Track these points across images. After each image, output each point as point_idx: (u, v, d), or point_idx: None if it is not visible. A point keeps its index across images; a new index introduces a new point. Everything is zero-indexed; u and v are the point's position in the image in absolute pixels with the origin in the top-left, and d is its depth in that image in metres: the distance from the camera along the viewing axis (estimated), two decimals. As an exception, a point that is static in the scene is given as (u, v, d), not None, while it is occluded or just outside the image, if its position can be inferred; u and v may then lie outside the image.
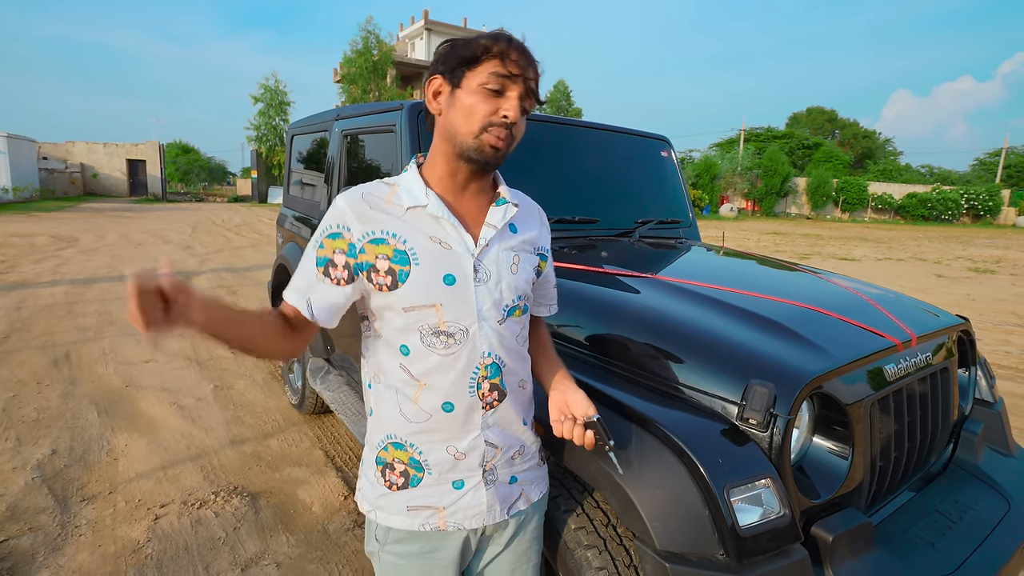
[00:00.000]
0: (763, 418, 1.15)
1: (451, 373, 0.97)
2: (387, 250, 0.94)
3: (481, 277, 0.98)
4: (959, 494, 1.60)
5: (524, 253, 1.06)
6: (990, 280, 10.29)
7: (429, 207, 0.96)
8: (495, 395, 1.02)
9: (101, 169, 28.39)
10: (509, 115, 0.93)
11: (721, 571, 1.05)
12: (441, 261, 0.95)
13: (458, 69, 0.94)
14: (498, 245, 1.01)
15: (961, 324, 1.86)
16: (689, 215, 2.92)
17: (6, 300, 5.98)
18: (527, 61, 0.94)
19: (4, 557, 2.08)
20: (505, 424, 1.05)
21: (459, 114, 0.94)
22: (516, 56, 0.93)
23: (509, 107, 0.93)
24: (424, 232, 0.96)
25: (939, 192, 33.29)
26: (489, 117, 0.93)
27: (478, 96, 0.93)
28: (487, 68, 0.92)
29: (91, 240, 11.21)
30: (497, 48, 0.92)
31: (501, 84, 0.92)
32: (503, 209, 1.02)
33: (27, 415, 3.28)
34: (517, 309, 1.04)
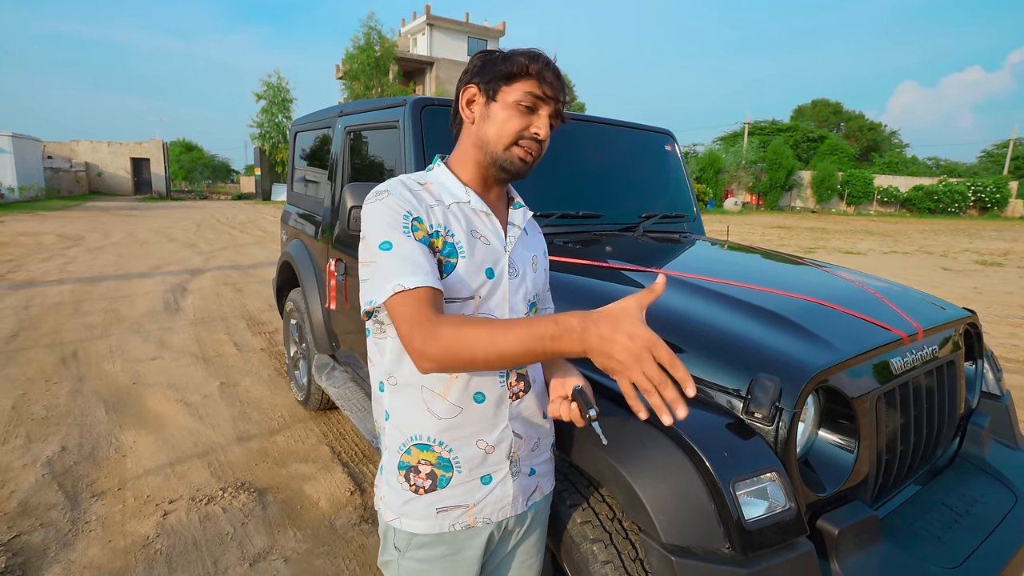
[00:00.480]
0: (769, 412, 1.15)
1: None
2: (439, 243, 0.96)
3: (513, 272, 1.04)
4: (966, 487, 1.60)
5: (538, 255, 1.14)
6: (997, 273, 10.22)
7: (472, 203, 1.01)
8: (521, 385, 1.05)
9: (105, 168, 28.51)
10: (540, 133, 0.98)
11: (727, 564, 1.06)
12: (483, 254, 1.00)
13: (495, 82, 0.98)
14: (522, 244, 1.09)
15: (968, 317, 1.85)
16: (693, 209, 2.91)
17: (14, 299, 6.02)
18: (560, 84, 0.99)
19: (16, 552, 2.11)
20: (529, 415, 1.07)
21: (492, 126, 0.99)
22: (551, 79, 0.97)
23: (541, 125, 0.98)
24: (465, 227, 1.00)
25: (945, 184, 33.08)
26: (521, 132, 0.98)
27: (512, 112, 0.97)
28: (524, 87, 0.97)
29: (97, 239, 11.26)
30: (535, 68, 0.96)
31: (535, 103, 0.97)
32: (522, 212, 1.10)
33: (36, 412, 3.31)
34: (535, 305, 1.11)
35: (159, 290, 6.72)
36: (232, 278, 7.68)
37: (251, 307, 6.09)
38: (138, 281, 7.21)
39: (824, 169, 34.40)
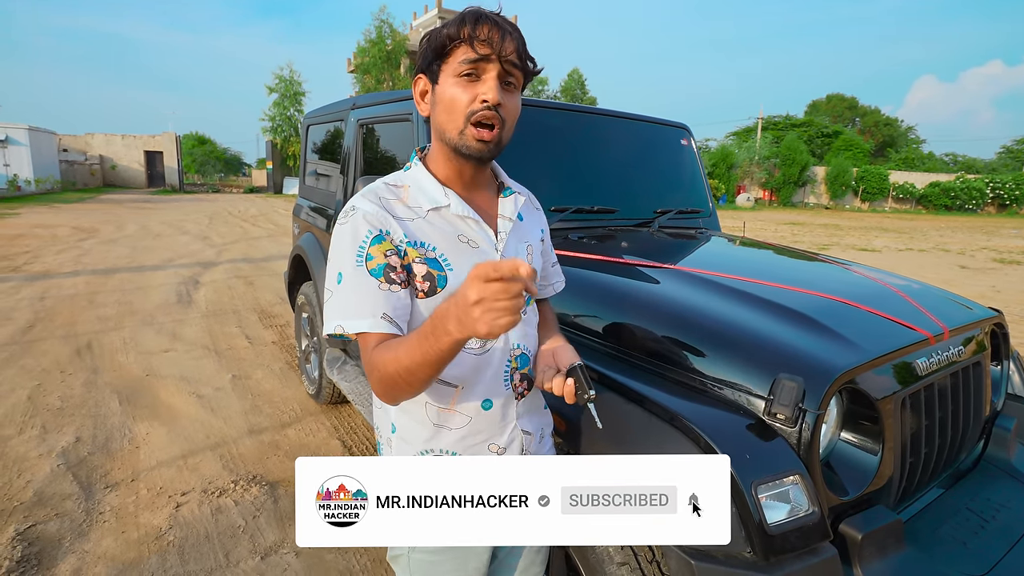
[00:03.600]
0: (792, 413, 1.12)
1: (487, 371, 0.96)
2: (421, 254, 0.90)
3: None
4: (991, 492, 1.55)
5: (534, 241, 1.07)
6: (1016, 271, 10.04)
7: (452, 207, 0.94)
8: (524, 384, 1.03)
9: (119, 161, 28.77)
10: (488, 97, 0.87)
11: (748, 569, 1.03)
12: (472, 261, 0.92)
13: (433, 64, 0.90)
14: (515, 236, 1.01)
15: (994, 317, 1.81)
16: (709, 205, 2.87)
17: (30, 290, 6.08)
18: (500, 34, 0.87)
19: (32, 542, 2.13)
20: (533, 409, 1.06)
21: (443, 111, 0.90)
22: (486, 33, 0.86)
23: (487, 89, 0.87)
24: (450, 233, 0.93)
25: (963, 181, 32.53)
26: (470, 106, 0.87)
27: (456, 87, 0.88)
28: (457, 56, 0.87)
29: (111, 231, 11.37)
30: (464, 31, 0.86)
31: (475, 68, 0.87)
32: (512, 200, 1.02)
33: (51, 403, 3.34)
34: (531, 300, 1.05)
35: (172, 282, 6.77)
36: (244, 271, 7.72)
37: (263, 300, 6.12)
38: (151, 273, 7.27)
39: (838, 165, 33.94)
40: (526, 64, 0.91)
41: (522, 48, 0.90)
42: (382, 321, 0.85)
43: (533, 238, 1.07)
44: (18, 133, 21.17)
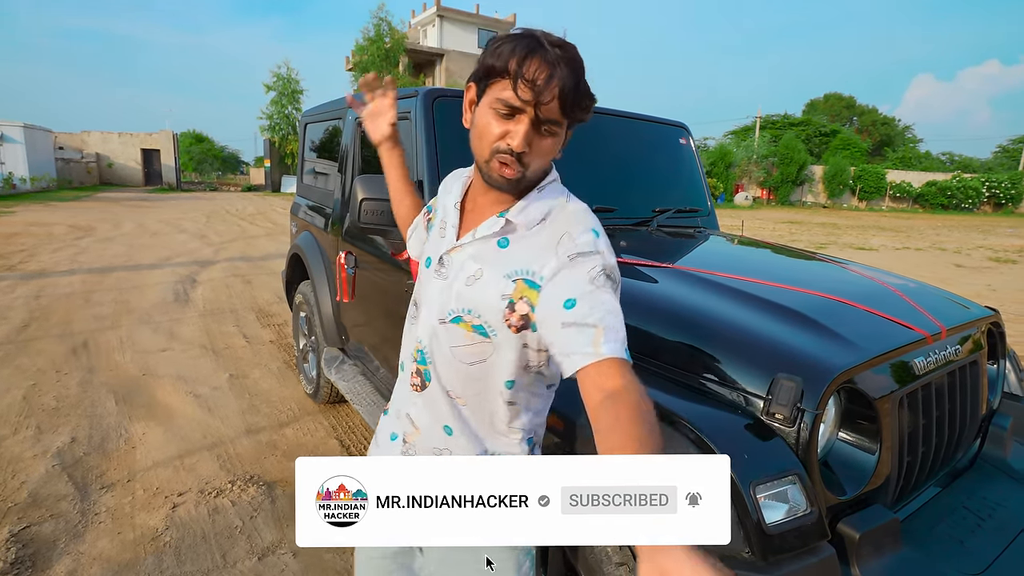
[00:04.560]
0: (790, 413, 1.13)
1: (408, 338, 1.05)
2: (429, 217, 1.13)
3: (443, 273, 0.98)
4: (987, 490, 1.56)
5: (495, 273, 0.91)
6: (1012, 270, 10.07)
7: (451, 195, 1.04)
8: (419, 381, 1.02)
9: (116, 159, 28.66)
10: (514, 144, 0.84)
11: (747, 569, 1.03)
12: (433, 243, 1.04)
13: (482, 80, 0.87)
14: (471, 252, 0.94)
15: (991, 316, 1.81)
16: (708, 204, 2.87)
17: (26, 289, 6.06)
18: (547, 77, 0.80)
19: (26, 543, 2.12)
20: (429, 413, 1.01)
21: (475, 134, 0.89)
22: (533, 74, 0.80)
23: (515, 134, 0.84)
24: (442, 215, 1.04)
25: (960, 180, 32.62)
26: (496, 141, 0.85)
27: (491, 115, 0.85)
28: (500, 88, 0.83)
29: (108, 229, 11.33)
30: (511, 65, 0.81)
31: (510, 110, 0.83)
32: (496, 222, 0.93)
33: (47, 403, 3.32)
34: (463, 321, 0.93)
35: (169, 281, 6.74)
36: (242, 270, 7.70)
37: (260, 299, 6.10)
38: (148, 272, 7.25)
39: (836, 164, 34.00)
40: (571, 114, 0.85)
41: (569, 94, 0.83)
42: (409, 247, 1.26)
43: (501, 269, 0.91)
44: (13, 130, 21.06)
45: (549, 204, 0.94)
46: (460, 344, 0.94)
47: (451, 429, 0.99)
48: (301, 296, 3.45)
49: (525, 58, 0.81)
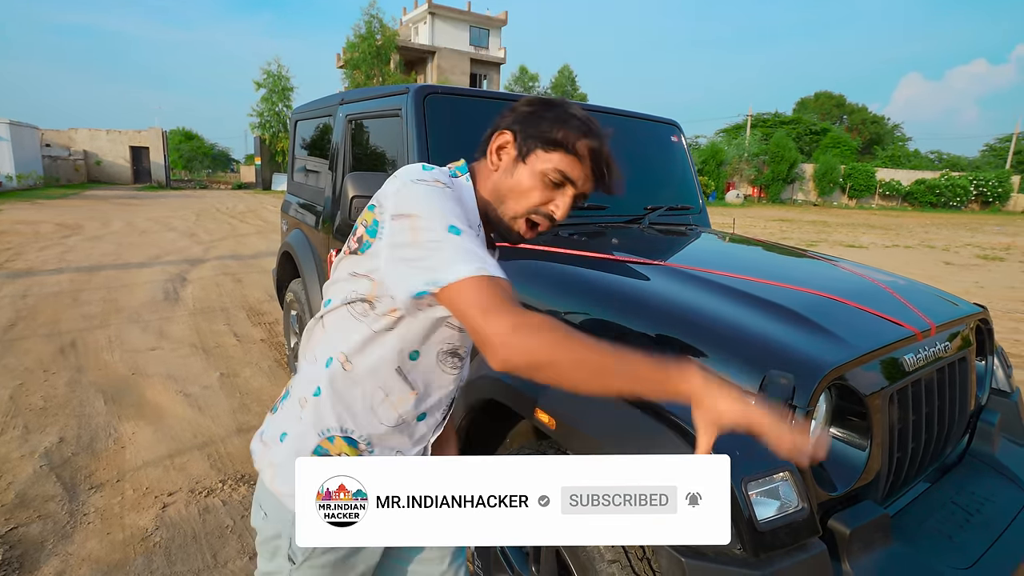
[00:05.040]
0: (781, 409, 1.13)
1: (443, 390, 0.99)
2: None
3: None
4: (976, 486, 1.57)
5: None
6: (999, 267, 10.19)
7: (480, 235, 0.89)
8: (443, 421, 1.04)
9: (104, 156, 28.36)
10: (557, 214, 0.91)
11: (738, 566, 1.03)
12: None
13: (533, 143, 0.90)
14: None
15: (979, 313, 1.83)
16: (699, 201, 2.88)
17: (12, 288, 5.98)
18: (605, 171, 0.91)
19: (14, 544, 2.09)
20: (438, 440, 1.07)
21: (513, 189, 0.91)
22: (597, 162, 0.90)
23: (561, 204, 0.91)
24: None
25: (948, 178, 32.97)
26: (538, 206, 0.90)
27: (537, 183, 0.89)
28: (561, 161, 0.89)
29: (96, 228, 11.21)
30: (583, 146, 0.89)
31: (562, 181, 0.90)
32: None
33: (34, 403, 3.29)
34: None
35: (158, 280, 6.68)
36: (232, 268, 7.64)
37: (251, 297, 6.06)
38: (137, 270, 7.18)
39: (826, 162, 34.26)
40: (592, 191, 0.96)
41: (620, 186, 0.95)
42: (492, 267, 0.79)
43: None
44: (-1, 128, 20.80)
45: None
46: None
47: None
48: (292, 294, 3.43)
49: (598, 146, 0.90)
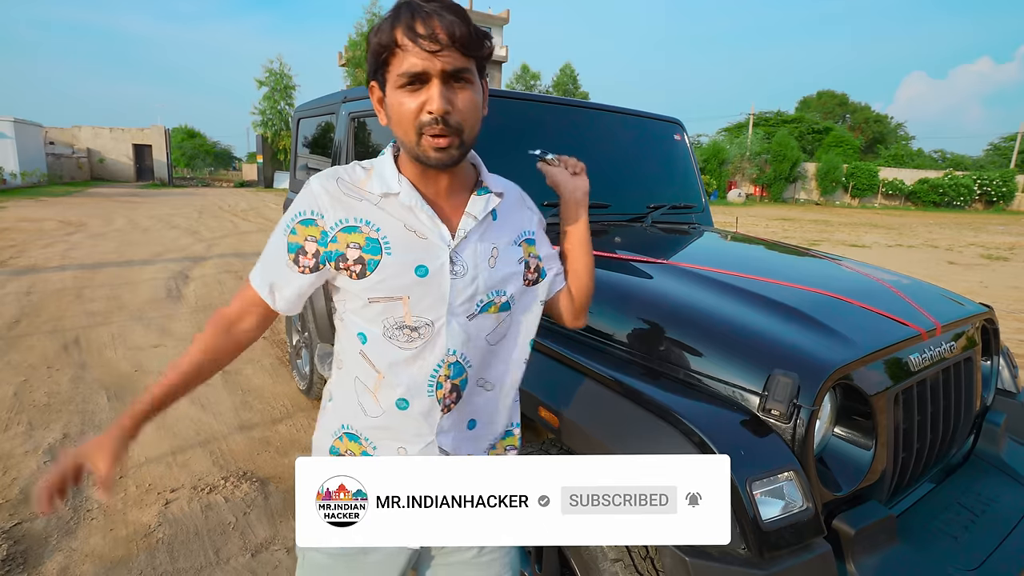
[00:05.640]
0: (786, 409, 1.12)
1: (410, 369, 0.90)
2: (359, 238, 0.88)
3: (458, 270, 0.90)
4: (981, 486, 1.57)
5: (505, 245, 0.96)
6: (1003, 267, 10.15)
7: (401, 195, 0.89)
8: (454, 396, 0.93)
9: (107, 154, 28.41)
10: (433, 109, 0.81)
11: (743, 566, 1.03)
12: (414, 251, 0.88)
13: (378, 72, 0.85)
14: (477, 236, 0.93)
15: (985, 313, 1.82)
16: (702, 200, 2.87)
17: (16, 285, 6.00)
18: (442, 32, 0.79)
19: (18, 540, 2.09)
20: (463, 432, 0.97)
21: (394, 123, 0.86)
22: (424, 31, 0.79)
23: (432, 97, 0.81)
24: (399, 220, 0.89)
25: (951, 178, 32.84)
26: (418, 117, 0.82)
27: (401, 95, 0.83)
28: (396, 65, 0.81)
29: (99, 225, 11.23)
30: (398, 34, 0.80)
31: (415, 77, 0.81)
32: (484, 199, 0.94)
33: (38, 399, 3.29)
34: (493, 305, 0.94)
35: (161, 277, 6.69)
36: (234, 266, 7.65)
37: (253, 295, 6.06)
38: (140, 268, 7.19)
39: (829, 161, 34.15)
40: (475, 53, 0.83)
41: (466, 37, 0.81)
42: (266, 287, 0.92)
43: (507, 239, 0.97)
44: (3, 125, 20.82)
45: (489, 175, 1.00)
46: (494, 329, 0.97)
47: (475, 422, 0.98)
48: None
49: (409, 23, 0.79)
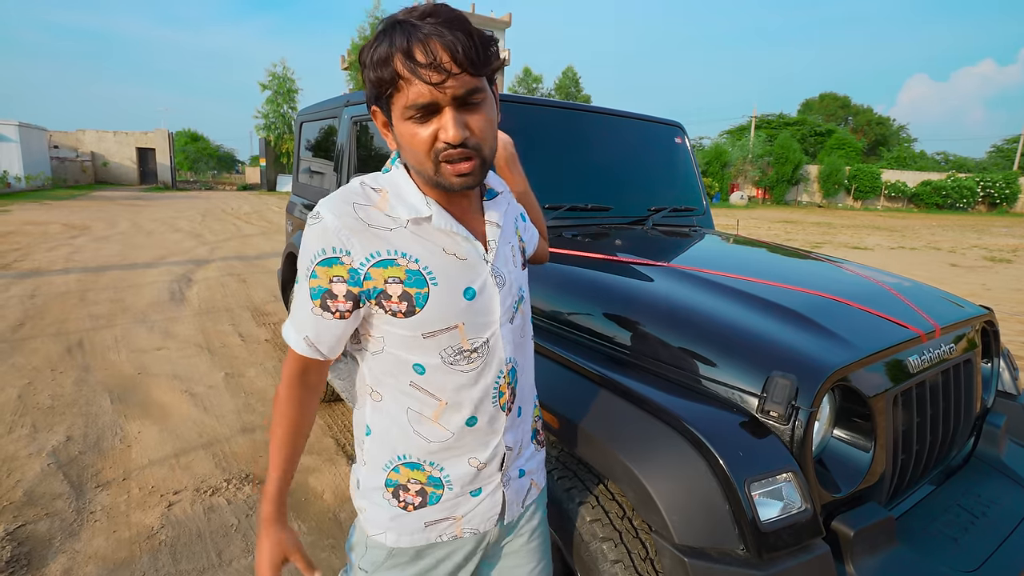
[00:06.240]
0: (785, 410, 1.13)
1: (476, 389, 0.90)
2: (399, 272, 0.82)
3: (499, 282, 0.90)
4: (981, 488, 1.57)
5: (514, 235, 0.99)
6: (1007, 269, 10.13)
7: (434, 219, 0.85)
8: (511, 397, 0.95)
9: (111, 158, 28.52)
10: (448, 136, 0.76)
11: (741, 566, 1.03)
12: (459, 275, 0.86)
13: (382, 102, 0.81)
14: (503, 242, 0.93)
15: (985, 315, 1.82)
16: (703, 203, 2.87)
17: (20, 288, 6.03)
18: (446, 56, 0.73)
19: (22, 541, 2.11)
20: (519, 422, 0.99)
21: (407, 151, 0.81)
22: (423, 66, 0.73)
23: (446, 126, 0.76)
24: (436, 245, 0.85)
25: (954, 180, 32.76)
26: (434, 147, 0.78)
27: (412, 126, 0.78)
28: (401, 98, 0.76)
29: (103, 228, 11.28)
30: (399, 66, 0.74)
31: (425, 110, 0.76)
32: (498, 202, 0.93)
33: (42, 402, 3.31)
34: (521, 301, 0.96)
35: (164, 280, 6.72)
36: (237, 269, 7.67)
37: (256, 298, 6.08)
38: (143, 271, 7.22)
39: (831, 163, 34.11)
40: (482, 70, 0.77)
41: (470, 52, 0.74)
42: (302, 342, 0.87)
43: (511, 232, 0.98)
44: (8, 129, 20.93)
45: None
46: (521, 324, 0.97)
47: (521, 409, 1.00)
48: (297, 295, 3.44)
49: (406, 50, 0.73)
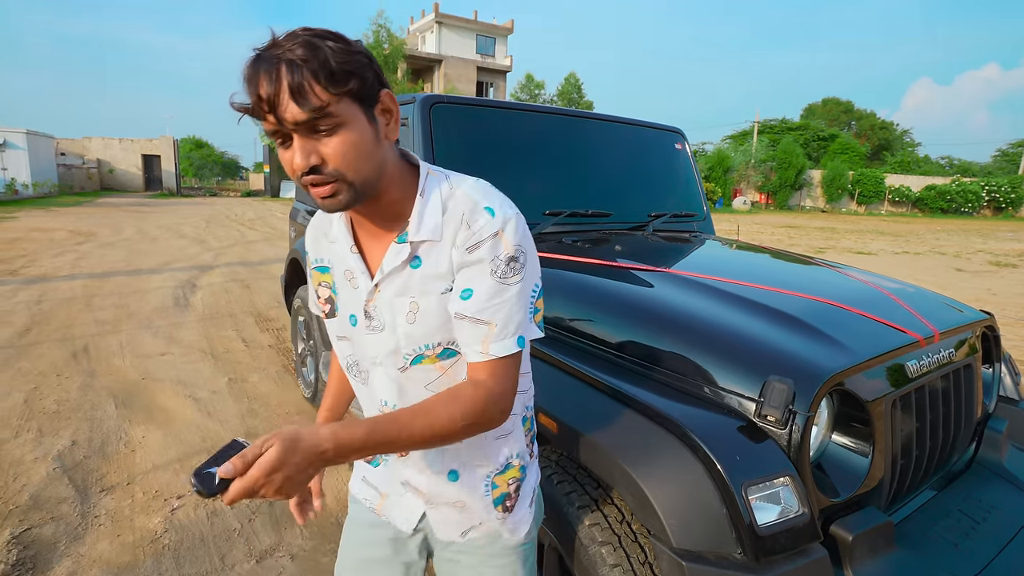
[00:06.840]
0: (782, 415, 1.14)
1: (368, 400, 0.98)
2: (328, 278, 0.93)
3: (375, 325, 0.86)
4: (983, 493, 1.56)
5: (433, 295, 0.83)
6: (1012, 274, 10.08)
7: (338, 244, 0.89)
8: None
9: (117, 164, 28.74)
10: (295, 164, 0.73)
11: (739, 570, 1.04)
12: (349, 300, 0.89)
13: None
14: (392, 290, 0.84)
15: (985, 320, 1.82)
16: (703, 208, 2.89)
17: (27, 293, 6.07)
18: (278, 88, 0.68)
19: (27, 545, 2.12)
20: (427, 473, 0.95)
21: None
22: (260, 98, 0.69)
23: (288, 157, 0.74)
24: (343, 265, 0.89)
25: (959, 184, 32.68)
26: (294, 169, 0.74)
27: (281, 151, 0.75)
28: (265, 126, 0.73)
29: (108, 235, 11.35)
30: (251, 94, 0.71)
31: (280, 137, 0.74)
32: (401, 248, 0.82)
33: (48, 406, 3.33)
34: (425, 358, 0.86)
35: (169, 286, 6.76)
36: (241, 275, 7.71)
37: (259, 304, 6.11)
38: (148, 277, 7.26)
39: (834, 168, 34.09)
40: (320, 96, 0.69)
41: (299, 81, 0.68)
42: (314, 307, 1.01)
43: (433, 288, 0.83)
44: (16, 137, 21.14)
45: (439, 200, 0.82)
46: (434, 379, 0.88)
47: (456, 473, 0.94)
48: (300, 300, 3.46)
49: (251, 80, 0.70)
